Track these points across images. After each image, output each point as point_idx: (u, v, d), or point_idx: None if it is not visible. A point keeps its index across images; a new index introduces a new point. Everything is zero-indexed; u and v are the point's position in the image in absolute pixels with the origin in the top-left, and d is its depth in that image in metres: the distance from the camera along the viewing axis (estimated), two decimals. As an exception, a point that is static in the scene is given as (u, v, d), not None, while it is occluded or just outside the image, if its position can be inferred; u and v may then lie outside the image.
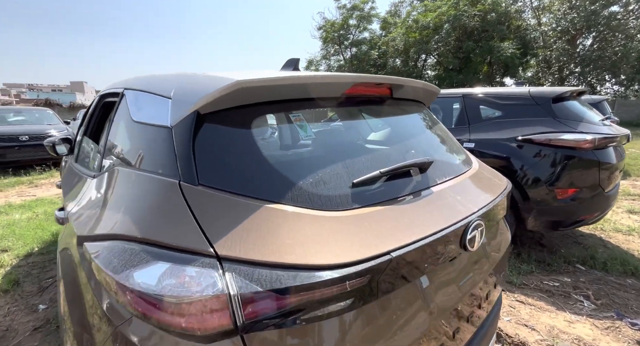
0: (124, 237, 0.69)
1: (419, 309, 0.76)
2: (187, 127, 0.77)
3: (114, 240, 0.71)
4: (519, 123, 2.78)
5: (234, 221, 0.65)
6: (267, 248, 0.61)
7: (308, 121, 0.91)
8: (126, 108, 1.14)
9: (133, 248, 0.66)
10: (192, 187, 0.71)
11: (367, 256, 0.63)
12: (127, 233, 0.69)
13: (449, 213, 0.85)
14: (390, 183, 0.86)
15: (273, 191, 0.72)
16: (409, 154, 1.03)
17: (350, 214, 0.73)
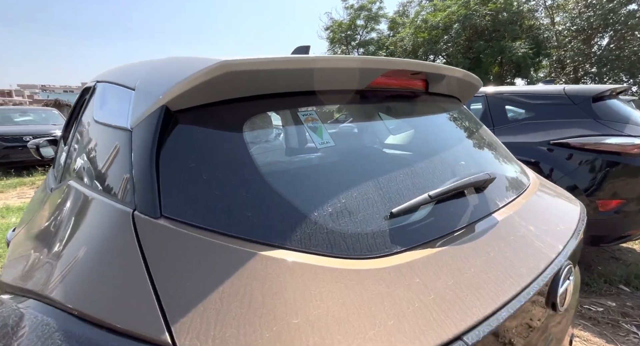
0: (46, 299, 0.45)
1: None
2: (150, 130, 0.53)
3: (33, 300, 0.47)
4: (552, 125, 2.48)
5: (211, 281, 0.41)
6: (261, 336, 0.36)
7: (326, 121, 0.66)
8: (92, 105, 0.91)
9: (50, 322, 0.41)
10: (150, 220, 0.46)
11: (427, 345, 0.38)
12: (49, 295, 0.45)
13: (530, 254, 0.59)
14: (440, 213, 0.59)
15: (273, 229, 0.47)
16: (459, 167, 0.77)
17: (390, 263, 0.47)
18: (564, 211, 0.83)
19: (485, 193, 0.70)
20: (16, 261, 0.63)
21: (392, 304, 0.42)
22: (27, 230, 0.76)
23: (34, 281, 0.49)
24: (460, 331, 0.41)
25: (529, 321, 0.54)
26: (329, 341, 0.37)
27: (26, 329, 0.43)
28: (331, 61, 0.65)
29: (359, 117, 0.86)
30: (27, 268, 0.56)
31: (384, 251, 0.49)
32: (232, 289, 0.40)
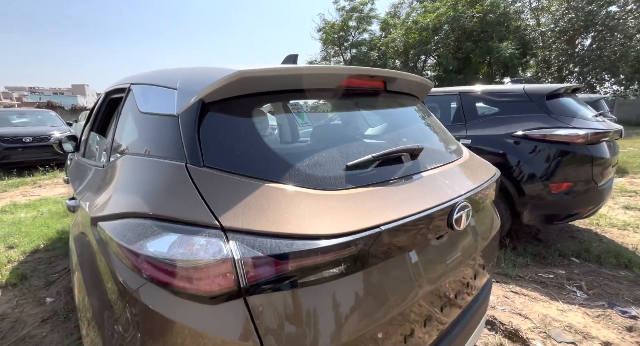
0: (136, 214, 0.75)
1: (407, 282, 0.82)
2: (193, 115, 0.84)
3: (127, 218, 0.77)
4: (514, 119, 2.84)
5: (237, 197, 0.71)
6: (267, 220, 0.68)
7: (307, 112, 0.98)
8: (133, 101, 1.20)
9: (145, 223, 0.72)
10: (197, 168, 0.77)
11: (358, 228, 0.69)
12: (139, 211, 0.75)
13: (437, 194, 0.91)
14: (383, 168, 0.92)
15: (273, 171, 0.78)
16: (401, 142, 1.09)
17: (343, 193, 0.79)
18: (477, 173, 1.16)
19: (418, 159, 1.02)
20: (100, 205, 0.93)
21: (341, 211, 0.73)
22: (96, 191, 1.06)
23: (126, 207, 0.79)
24: (378, 223, 0.72)
25: (432, 229, 0.86)
26: (305, 224, 0.68)
27: (130, 229, 0.73)
28: (311, 69, 0.96)
29: (334, 108, 1.17)
30: (113, 205, 0.85)
31: (340, 187, 0.81)
32: (250, 201, 0.71)
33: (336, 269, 0.68)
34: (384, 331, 0.77)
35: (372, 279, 0.75)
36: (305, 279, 0.66)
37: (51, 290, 2.46)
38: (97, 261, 0.85)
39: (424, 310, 0.87)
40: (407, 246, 0.81)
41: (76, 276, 1.01)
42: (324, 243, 0.65)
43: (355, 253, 0.69)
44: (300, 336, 0.65)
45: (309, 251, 0.64)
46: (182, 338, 0.64)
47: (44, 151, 7.26)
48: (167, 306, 0.65)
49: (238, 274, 0.62)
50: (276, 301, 0.65)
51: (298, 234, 0.66)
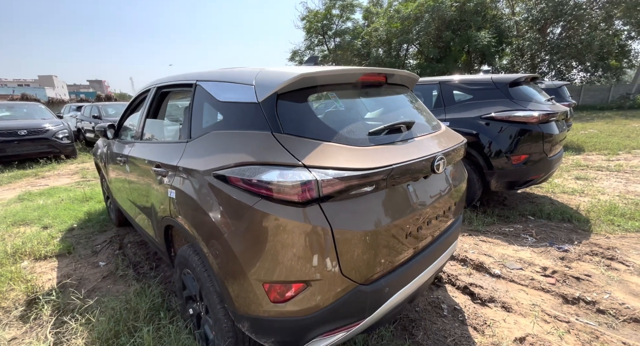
0: (245, 163, 1.24)
1: (407, 200, 1.35)
2: (272, 102, 1.32)
3: (239, 166, 1.25)
4: (484, 104, 3.43)
5: (308, 150, 1.21)
6: (329, 160, 1.18)
7: (337, 98, 1.48)
8: (205, 94, 1.65)
9: (254, 167, 1.21)
10: (279, 134, 1.26)
11: (380, 165, 1.21)
12: (247, 160, 1.24)
13: (424, 150, 1.44)
14: (390, 135, 1.43)
15: (325, 135, 1.28)
16: (400, 118, 1.62)
17: (368, 148, 1.30)
18: (450, 140, 1.70)
19: (411, 130, 1.55)
20: (206, 163, 1.39)
21: (369, 157, 1.25)
22: (193, 156, 1.52)
23: (237, 160, 1.27)
24: (391, 163, 1.24)
25: (421, 170, 1.39)
26: (351, 163, 1.19)
27: (246, 170, 1.22)
28: (341, 70, 1.45)
29: (353, 95, 1.66)
30: (222, 160, 1.33)
31: (367, 145, 1.32)
32: (317, 151, 1.21)
33: (368, 187, 1.20)
34: (395, 228, 1.30)
35: (387, 197, 1.28)
36: (352, 192, 1.17)
37: (100, 257, 2.88)
38: (212, 196, 1.33)
39: (418, 221, 1.41)
40: (406, 180, 1.34)
41: (186, 215, 1.48)
42: (362, 172, 1.17)
43: (378, 179, 1.21)
44: (350, 221, 1.17)
45: (355, 176, 1.15)
46: (284, 225, 1.14)
47: (40, 143, 7.36)
48: (275, 210, 1.15)
49: (316, 189, 1.13)
50: (336, 205, 1.16)
51: (348, 167, 1.17)
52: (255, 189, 1.18)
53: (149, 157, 1.94)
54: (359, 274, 1.23)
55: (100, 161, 3.34)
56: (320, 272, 1.16)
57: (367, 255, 1.23)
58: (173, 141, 1.82)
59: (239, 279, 1.25)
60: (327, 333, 1.26)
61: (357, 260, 1.21)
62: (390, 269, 1.34)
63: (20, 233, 3.36)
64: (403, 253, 1.37)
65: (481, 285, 2.17)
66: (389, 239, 1.29)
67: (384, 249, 1.28)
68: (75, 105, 13.18)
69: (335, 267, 1.18)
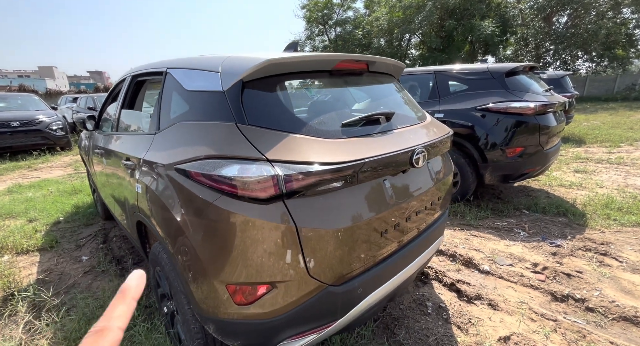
0: (207, 156, 1.15)
1: (382, 197, 1.27)
2: (236, 90, 1.22)
3: (201, 160, 1.17)
4: (479, 95, 3.30)
5: (273, 142, 1.12)
6: (295, 154, 1.09)
7: (310, 86, 1.38)
8: (175, 82, 1.55)
9: (215, 161, 1.12)
10: (244, 125, 1.17)
11: (350, 159, 1.13)
12: (209, 154, 1.15)
13: (403, 143, 1.35)
14: (366, 126, 1.34)
15: (294, 126, 1.19)
16: (380, 108, 1.52)
17: (340, 141, 1.21)
18: (434, 132, 1.61)
19: (391, 121, 1.45)
20: (170, 156, 1.31)
21: (340, 150, 1.16)
22: (160, 148, 1.43)
23: (199, 153, 1.18)
24: (363, 157, 1.15)
25: (399, 164, 1.31)
26: (319, 156, 1.11)
27: (207, 164, 1.13)
28: (315, 56, 1.35)
29: (329, 84, 1.56)
30: (184, 154, 1.24)
31: (338, 137, 1.23)
32: (283, 144, 1.12)
33: (337, 183, 1.12)
34: (368, 225, 1.22)
35: (359, 192, 1.20)
36: (319, 188, 1.09)
37: (83, 251, 2.83)
38: (174, 191, 1.25)
39: (395, 218, 1.33)
40: (382, 174, 1.25)
41: (152, 210, 1.40)
42: (331, 166, 1.08)
43: (349, 174, 1.12)
44: (317, 219, 1.09)
45: (322, 171, 1.07)
46: (246, 224, 1.06)
47: (33, 135, 7.28)
48: (236, 207, 1.07)
49: (280, 185, 1.04)
50: (303, 201, 1.08)
51: (315, 161, 1.08)
52: (215, 185, 1.10)
53: (120, 149, 1.86)
54: (328, 275, 1.16)
55: (84, 153, 3.26)
56: (286, 273, 1.09)
57: (337, 255, 1.16)
58: (143, 132, 1.73)
59: (203, 280, 1.18)
60: (296, 336, 1.20)
61: (326, 260, 1.14)
62: (363, 269, 1.27)
63: (4, 226, 3.31)
64: (378, 251, 1.30)
65: (469, 282, 2.11)
66: (362, 237, 1.21)
67: (356, 248, 1.20)
68: (72, 96, 13.04)
69: (302, 268, 1.10)
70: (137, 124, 1.98)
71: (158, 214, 1.36)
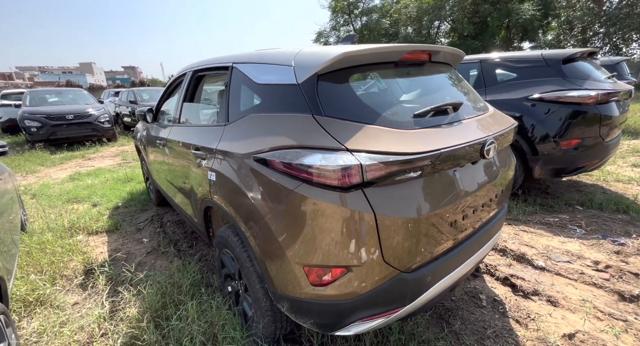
0: (286, 146, 1.22)
1: (453, 188, 1.28)
2: (311, 83, 1.27)
3: (280, 149, 1.23)
4: (531, 84, 3.14)
5: (351, 133, 1.16)
6: (375, 145, 1.13)
7: (379, 78, 1.40)
8: (243, 76, 1.63)
9: (296, 151, 1.18)
10: (321, 117, 1.21)
11: (428, 149, 1.14)
12: (288, 144, 1.21)
13: (474, 134, 1.34)
14: (436, 117, 1.34)
15: (368, 117, 1.22)
16: (446, 99, 1.51)
17: (414, 131, 1.23)
18: (500, 123, 1.57)
19: (459, 111, 1.44)
20: (246, 146, 1.40)
21: (416, 141, 1.18)
22: (232, 139, 1.53)
23: (279, 143, 1.25)
24: (439, 148, 1.17)
25: (470, 155, 1.30)
26: (398, 147, 1.13)
27: (287, 154, 1.20)
28: (385, 47, 1.36)
29: (395, 75, 1.56)
30: (263, 144, 1.32)
31: (412, 128, 1.24)
32: (361, 134, 1.16)
33: (413, 173, 1.14)
34: (439, 215, 1.24)
35: (432, 183, 1.21)
36: (397, 177, 1.12)
37: (143, 234, 3.08)
38: (253, 179, 1.34)
39: (463, 209, 1.33)
40: (454, 165, 1.26)
41: (227, 197, 1.50)
42: (408, 156, 1.11)
43: (426, 164, 1.14)
44: (393, 207, 1.13)
45: (401, 161, 1.10)
46: (326, 210, 1.12)
47: (85, 127, 7.87)
48: (316, 194, 1.13)
49: (361, 174, 1.08)
50: (380, 190, 1.12)
51: (394, 151, 1.11)
52: (296, 173, 1.16)
53: (187, 140, 1.99)
54: (401, 262, 1.20)
55: (140, 144, 3.50)
56: (362, 258, 1.14)
57: (410, 243, 1.19)
58: (211, 124, 1.84)
59: (279, 261, 1.26)
60: (366, 319, 1.26)
61: (399, 247, 1.18)
62: (432, 258, 1.29)
63: (74, 209, 3.66)
64: (446, 241, 1.32)
65: (523, 277, 2.06)
66: (433, 227, 1.23)
67: (428, 237, 1.23)
68: (114, 91, 13.88)
69: (377, 254, 1.15)
70: (202, 117, 2.10)
71: (235, 200, 1.46)
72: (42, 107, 7.80)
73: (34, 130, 7.27)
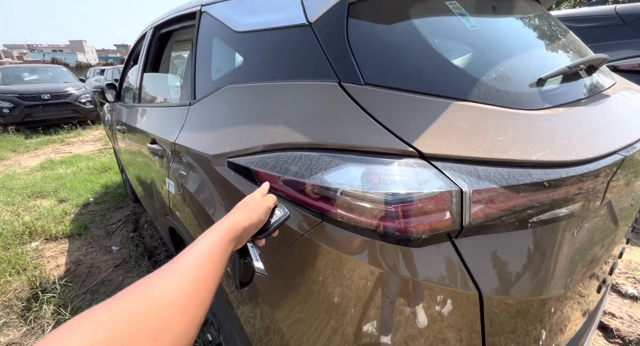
0: (289, 146, 0.61)
1: (608, 230, 0.69)
2: (338, 19, 0.64)
3: (275, 151, 0.63)
4: (600, 49, 2.44)
5: (422, 119, 0.55)
6: (480, 145, 0.52)
7: (460, 12, 0.75)
8: (216, 24, 0.99)
9: (309, 154, 0.58)
10: (357, 86, 0.60)
11: (598, 154, 0.53)
12: (292, 141, 0.61)
13: (636, 119, 0.73)
14: (569, 84, 0.72)
15: (456, 87, 0.60)
16: (571, 55, 0.88)
17: (546, 113, 0.61)
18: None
19: (595, 77, 0.82)
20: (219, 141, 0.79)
21: (561, 133, 0.57)
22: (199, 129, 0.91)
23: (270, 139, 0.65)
24: (617, 148, 0.56)
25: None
26: (531, 149, 0.52)
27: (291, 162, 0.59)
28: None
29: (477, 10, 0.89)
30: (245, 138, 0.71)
31: (539, 106, 0.63)
32: (443, 123, 0.55)
33: (565, 207, 0.54)
34: (583, 279, 0.66)
35: (589, 223, 0.61)
36: (534, 218, 0.52)
37: (113, 239, 2.52)
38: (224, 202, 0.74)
39: (610, 260, 0.75)
40: (623, 184, 0.65)
41: (190, 223, 0.92)
42: (568, 171, 0.50)
43: (595, 186, 0.54)
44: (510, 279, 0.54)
45: (553, 181, 0.50)
46: (381, 284, 0.53)
47: (64, 108, 7.14)
48: (354, 248, 0.54)
49: (462, 209, 0.49)
50: (487, 242, 0.53)
51: (532, 161, 0.50)
52: (310, 202, 0.56)
53: (143, 127, 1.37)
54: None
55: (108, 128, 2.87)
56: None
57: (531, 337, 0.61)
58: (173, 104, 1.21)
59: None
60: None
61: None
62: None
63: (35, 206, 3.10)
64: (578, 321, 0.74)
65: (613, 313, 1.52)
66: (571, 303, 0.65)
67: (558, 321, 0.65)
68: (100, 69, 12.94)
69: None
70: (165, 92, 1.46)
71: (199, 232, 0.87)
72: (15, 86, 7.01)
73: (6, 111, 6.54)
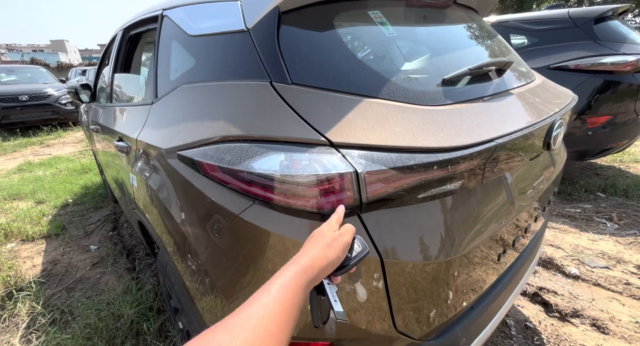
0: (226, 139, 0.70)
1: (504, 200, 0.80)
2: (269, 27, 0.73)
3: (217, 143, 0.71)
4: (555, 49, 2.62)
5: (337, 113, 0.65)
6: (379, 134, 0.62)
7: (382, 21, 0.86)
8: (174, 28, 1.07)
9: (242, 146, 0.67)
10: (285, 86, 0.69)
11: (475, 141, 0.64)
12: (229, 134, 0.69)
13: (534, 111, 0.84)
14: (474, 84, 0.83)
15: (369, 86, 0.70)
16: (485, 58, 0.99)
17: (444, 108, 0.72)
18: (559, 95, 1.08)
19: (504, 77, 0.93)
20: (171, 136, 0.87)
21: (449, 125, 0.68)
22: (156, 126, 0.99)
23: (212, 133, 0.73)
24: (492, 137, 0.67)
25: (532, 148, 0.82)
26: (421, 138, 0.63)
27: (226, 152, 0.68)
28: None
29: (403, 19, 1.00)
30: (192, 133, 0.80)
31: (440, 102, 0.73)
32: (353, 116, 0.64)
33: (450, 184, 0.65)
34: (484, 248, 0.77)
35: (476, 195, 0.73)
36: (422, 194, 0.63)
37: (92, 239, 2.55)
38: (177, 191, 0.82)
39: (515, 232, 0.87)
40: (509, 165, 0.77)
41: (151, 213, 1.00)
42: (445, 155, 0.61)
43: (474, 165, 0.65)
44: (409, 246, 0.64)
45: (431, 163, 0.60)
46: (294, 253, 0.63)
47: (43, 109, 7.01)
48: (278, 224, 0.63)
49: (359, 188, 0.59)
50: (389, 215, 0.63)
51: (417, 147, 0.61)
52: (242, 186, 0.65)
53: (112, 125, 1.43)
54: (421, 327, 0.73)
55: (86, 129, 2.89)
56: (361, 327, 0.67)
57: (437, 296, 0.72)
58: (137, 103, 1.28)
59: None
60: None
61: (419, 306, 0.71)
62: (465, 310, 0.84)
63: (12, 208, 3.08)
64: (486, 281, 0.86)
65: (555, 290, 1.66)
66: (472, 267, 0.77)
67: (463, 283, 0.76)
68: (82, 69, 12.69)
69: (385, 320, 0.68)
70: (130, 92, 1.52)
71: (157, 221, 0.95)
72: (-9, 87, 6.86)
73: (-19, 113, 6.40)
